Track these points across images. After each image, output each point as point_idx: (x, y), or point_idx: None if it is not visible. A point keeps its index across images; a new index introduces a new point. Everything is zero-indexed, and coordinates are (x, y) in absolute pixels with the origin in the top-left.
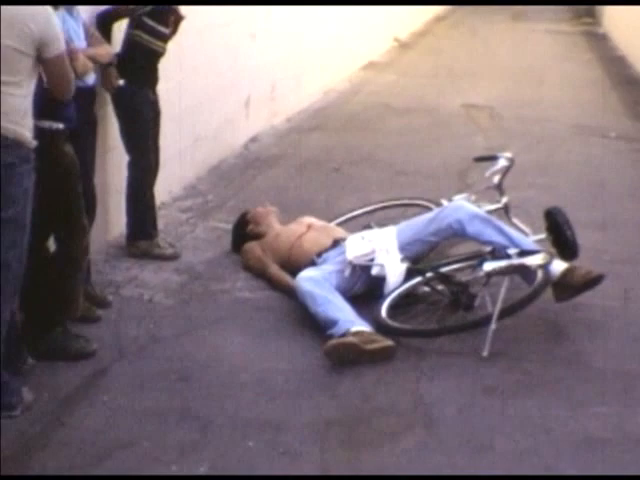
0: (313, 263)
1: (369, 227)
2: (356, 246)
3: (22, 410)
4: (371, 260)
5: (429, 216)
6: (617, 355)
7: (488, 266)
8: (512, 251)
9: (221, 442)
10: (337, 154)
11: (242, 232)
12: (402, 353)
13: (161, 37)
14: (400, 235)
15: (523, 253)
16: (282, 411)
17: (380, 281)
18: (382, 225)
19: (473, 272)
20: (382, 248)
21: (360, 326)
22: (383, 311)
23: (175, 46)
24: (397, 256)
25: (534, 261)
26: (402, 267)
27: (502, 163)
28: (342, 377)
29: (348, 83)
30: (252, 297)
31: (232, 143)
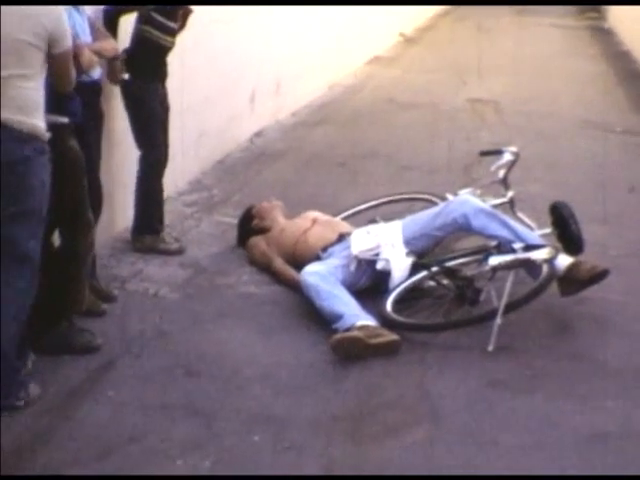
0: (318, 258)
1: (374, 221)
2: (361, 240)
3: (25, 403)
4: (376, 254)
5: (434, 210)
6: (623, 349)
7: (494, 260)
8: (517, 245)
9: (226, 437)
10: (342, 149)
11: (247, 227)
12: (407, 347)
13: (170, 32)
14: (405, 229)
15: (528, 247)
16: (287, 405)
17: (385, 275)
18: (387, 219)
19: (478, 266)
20: (387, 242)
21: (365, 320)
22: (388, 305)
23: (180, 41)
24: (402, 250)
25: (539, 255)
26: (407, 261)
27: (507, 157)
28: (347, 371)
29: (353, 78)
30: (257, 292)
31: (237, 138)
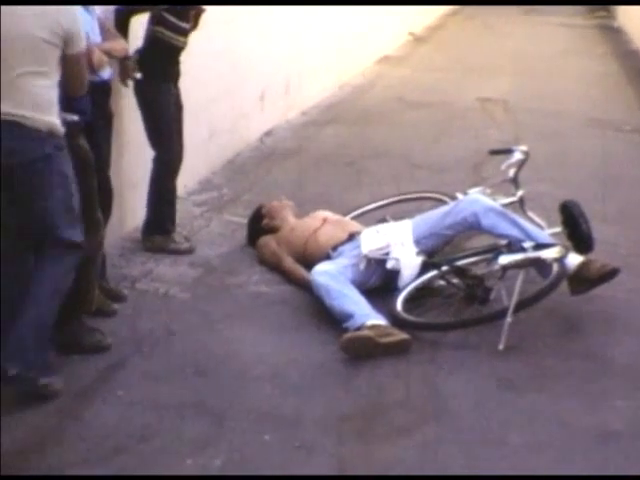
0: (328, 257)
1: (384, 221)
2: (371, 240)
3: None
4: (386, 254)
5: (444, 210)
6: (633, 348)
7: (504, 259)
8: (527, 244)
9: (236, 436)
10: (352, 148)
11: (257, 226)
12: (417, 347)
13: (182, 32)
14: (415, 229)
15: (539, 246)
16: (298, 405)
17: (395, 275)
18: (397, 219)
19: (489, 265)
20: (397, 242)
21: (376, 320)
22: (398, 304)
23: (190, 40)
24: (412, 250)
25: (550, 254)
26: (417, 261)
27: (517, 156)
28: (357, 371)
29: (363, 77)
30: (267, 291)
31: (247, 137)
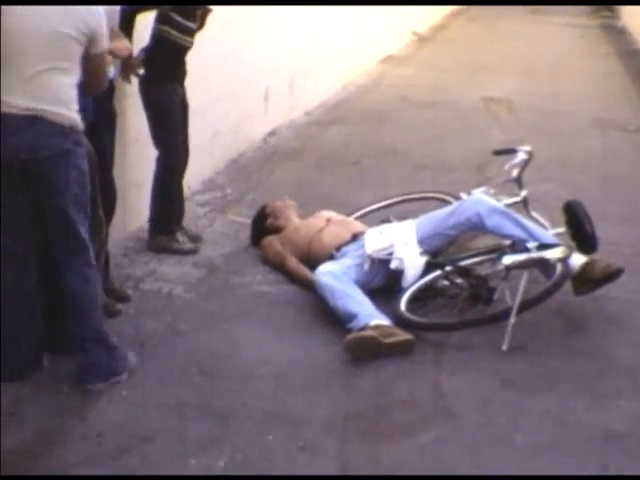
0: (332, 257)
1: (388, 221)
2: (375, 240)
3: (129, 374)
4: (390, 254)
5: (448, 210)
6: (637, 348)
7: (507, 260)
8: (531, 245)
9: (240, 436)
10: (356, 148)
11: (261, 226)
12: (421, 347)
13: (189, 32)
14: (419, 229)
15: (542, 247)
16: (301, 405)
17: (399, 275)
18: (401, 219)
19: (492, 266)
20: (401, 242)
21: (379, 320)
22: (402, 305)
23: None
24: (416, 250)
25: (553, 255)
26: (421, 261)
27: (521, 156)
28: (361, 371)
29: (367, 77)
30: (271, 291)
31: (251, 137)
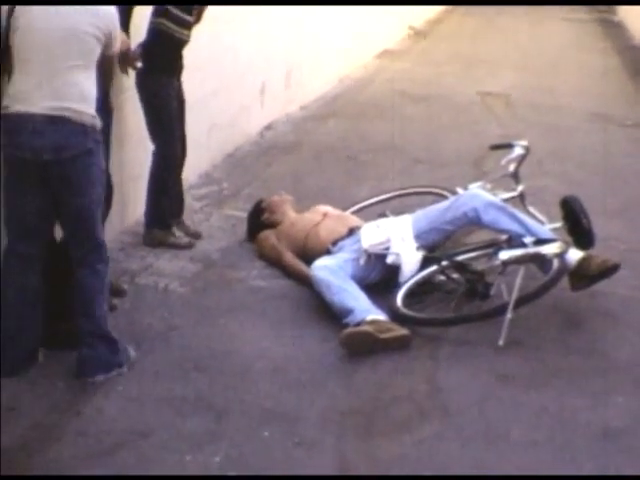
0: (328, 252)
1: (384, 215)
2: (372, 235)
3: (128, 368)
4: (386, 249)
5: (445, 204)
6: (634, 344)
7: (504, 255)
8: (528, 240)
9: (236, 432)
10: (352, 142)
11: (257, 220)
12: (418, 342)
13: (186, 25)
14: (416, 223)
15: (539, 242)
16: (298, 401)
17: (395, 270)
18: (398, 213)
19: (489, 261)
20: (398, 236)
21: (375, 315)
22: (399, 300)
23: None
24: (413, 245)
25: (550, 250)
26: (418, 256)
27: (518, 151)
28: (358, 366)
29: (363, 71)
30: (267, 286)
31: (247, 131)
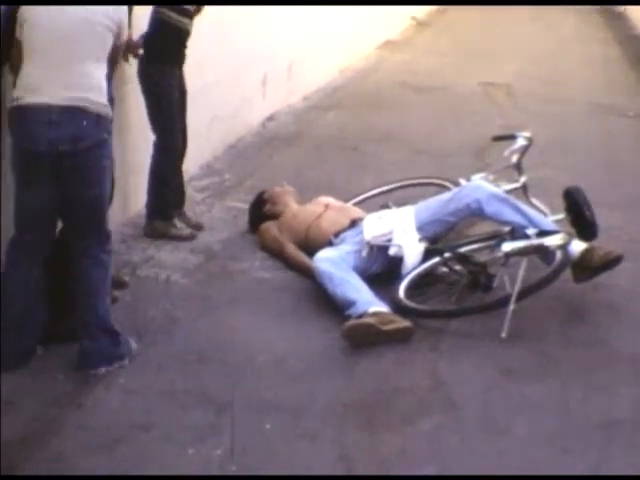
0: (330, 243)
1: (387, 207)
2: (374, 226)
3: (130, 360)
4: (389, 240)
5: (447, 196)
6: (637, 336)
7: (507, 246)
8: (531, 231)
9: (238, 425)
10: (354, 133)
11: (259, 212)
12: (420, 334)
13: (187, 14)
14: (418, 215)
15: (542, 233)
16: (300, 393)
17: (398, 261)
18: (400, 205)
19: (492, 252)
20: (400, 228)
21: (378, 307)
22: (401, 292)
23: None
24: (415, 236)
25: (553, 242)
26: (420, 247)
27: (521, 142)
28: (360, 358)
29: (365, 61)
30: (269, 277)
31: (249, 122)
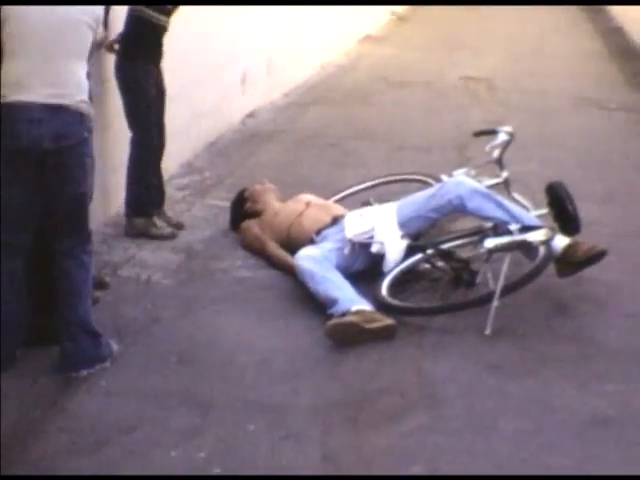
0: (312, 241)
1: (368, 204)
2: (355, 223)
3: (111, 362)
4: (371, 237)
5: (429, 192)
6: (621, 331)
7: (490, 243)
8: (514, 227)
9: (222, 426)
10: (335, 129)
11: (240, 210)
12: (404, 332)
13: (165, 12)
14: (400, 212)
15: (525, 229)
16: (283, 393)
17: (380, 258)
18: (382, 201)
19: (474, 249)
20: (382, 225)
21: (361, 305)
22: (384, 289)
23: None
24: (397, 233)
25: (536, 237)
26: (402, 244)
27: (502, 137)
28: (343, 357)
29: (345, 57)
30: (251, 276)
31: (229, 119)
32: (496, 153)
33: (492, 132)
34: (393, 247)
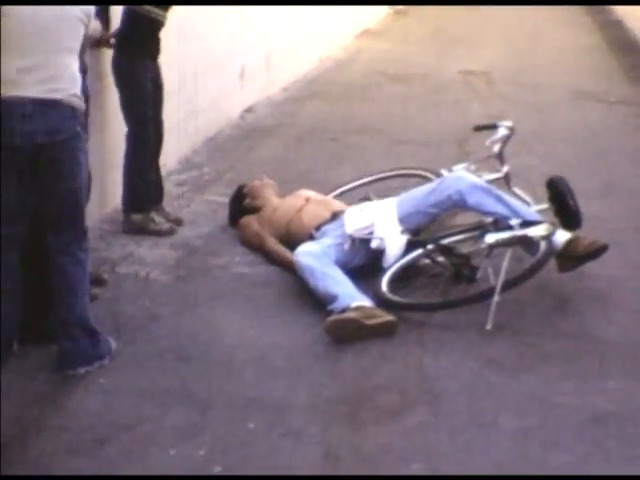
0: (312, 237)
1: (368, 199)
2: (355, 219)
3: (109, 359)
4: (371, 233)
5: (429, 187)
6: (623, 326)
7: (490, 238)
8: (514, 222)
9: (221, 424)
10: (334, 123)
11: (239, 206)
12: (404, 328)
13: (162, 6)
14: (400, 207)
15: (525, 224)
16: (283, 390)
17: (380, 254)
18: (381, 197)
19: (475, 244)
20: (382, 220)
21: (360, 301)
22: (384, 285)
23: (168, 18)
24: (397, 228)
25: (537, 232)
26: (402, 239)
27: (502, 132)
28: (343, 354)
29: (344, 51)
30: (250, 272)
31: (228, 114)
32: (496, 148)
33: (492, 127)
34: (393, 242)
